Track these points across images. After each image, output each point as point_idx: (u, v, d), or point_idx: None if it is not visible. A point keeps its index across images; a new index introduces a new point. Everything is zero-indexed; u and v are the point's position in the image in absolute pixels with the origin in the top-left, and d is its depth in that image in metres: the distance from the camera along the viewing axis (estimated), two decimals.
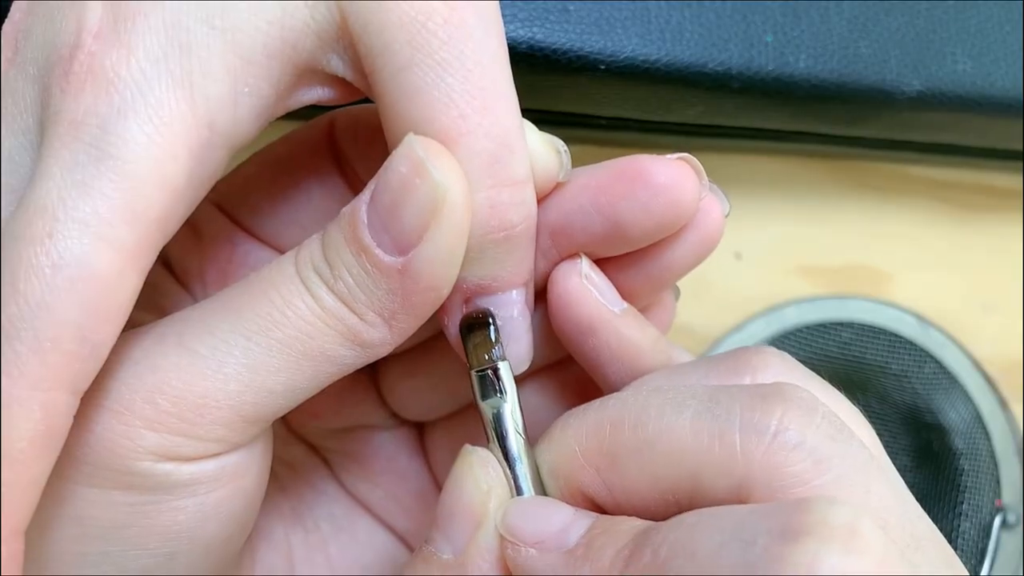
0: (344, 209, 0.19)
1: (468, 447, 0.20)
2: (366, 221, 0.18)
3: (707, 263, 0.21)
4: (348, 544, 0.26)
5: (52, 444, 0.17)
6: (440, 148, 0.18)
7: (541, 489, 0.19)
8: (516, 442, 0.20)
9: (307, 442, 0.26)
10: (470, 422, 0.25)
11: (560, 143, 0.20)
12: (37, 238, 0.16)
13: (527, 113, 0.34)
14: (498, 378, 0.20)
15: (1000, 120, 0.36)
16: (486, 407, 0.20)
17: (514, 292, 0.20)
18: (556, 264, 0.21)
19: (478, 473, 0.19)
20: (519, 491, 0.19)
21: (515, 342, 0.20)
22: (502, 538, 0.18)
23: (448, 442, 0.26)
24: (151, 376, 0.18)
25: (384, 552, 0.27)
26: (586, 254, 0.21)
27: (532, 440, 0.20)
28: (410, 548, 0.27)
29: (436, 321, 0.21)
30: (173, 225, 0.18)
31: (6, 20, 0.19)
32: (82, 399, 0.17)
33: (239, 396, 0.18)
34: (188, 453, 0.18)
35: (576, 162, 0.42)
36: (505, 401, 0.20)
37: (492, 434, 0.20)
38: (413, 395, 0.25)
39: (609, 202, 0.20)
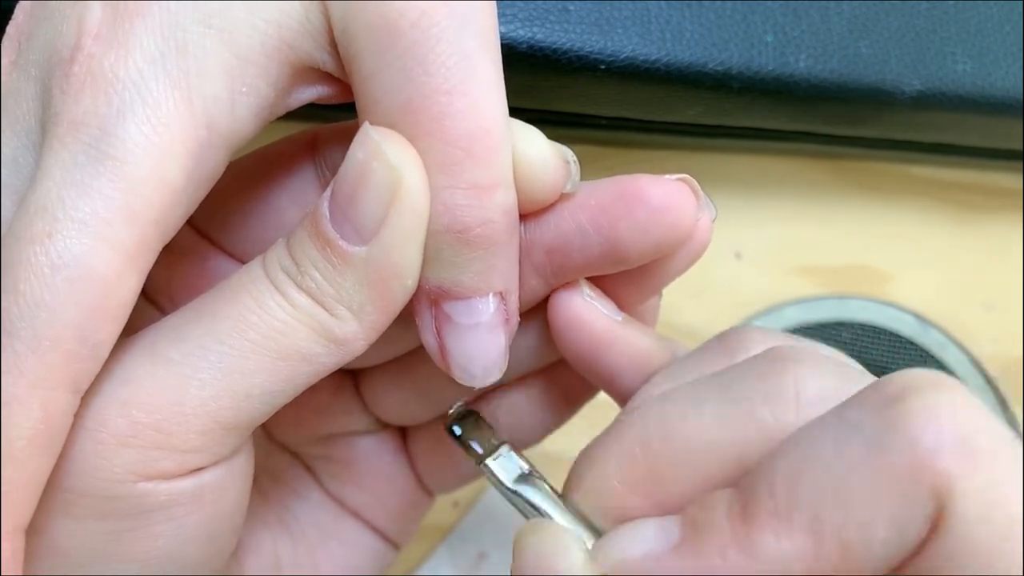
0: (308, 209, 0.19)
1: (525, 526, 0.19)
2: (328, 214, 0.18)
3: (707, 263, 0.21)
4: (336, 549, 0.26)
5: (52, 443, 0.17)
6: (396, 135, 0.17)
7: (598, 532, 0.19)
8: (559, 507, 0.20)
9: (289, 450, 0.26)
10: None
11: (569, 153, 0.20)
12: (37, 238, 0.16)
13: (527, 113, 0.34)
14: (511, 459, 0.21)
15: (1000, 120, 0.36)
16: (516, 489, 0.20)
17: (481, 300, 0.19)
18: (550, 281, 0.21)
19: (561, 543, 0.19)
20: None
21: (483, 353, 0.20)
22: None
23: (432, 443, 0.26)
24: (123, 388, 0.18)
25: (372, 554, 0.26)
26: (582, 272, 0.21)
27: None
28: (396, 548, 0.27)
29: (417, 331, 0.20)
30: (172, 226, 0.18)
31: (10, 22, 0.19)
32: None
33: (215, 401, 0.18)
34: (166, 468, 0.18)
35: None
36: (528, 480, 0.20)
37: (535, 510, 0.20)
38: (397, 404, 0.25)
39: (608, 223, 0.19)
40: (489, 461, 0.21)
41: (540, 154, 0.19)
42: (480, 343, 0.19)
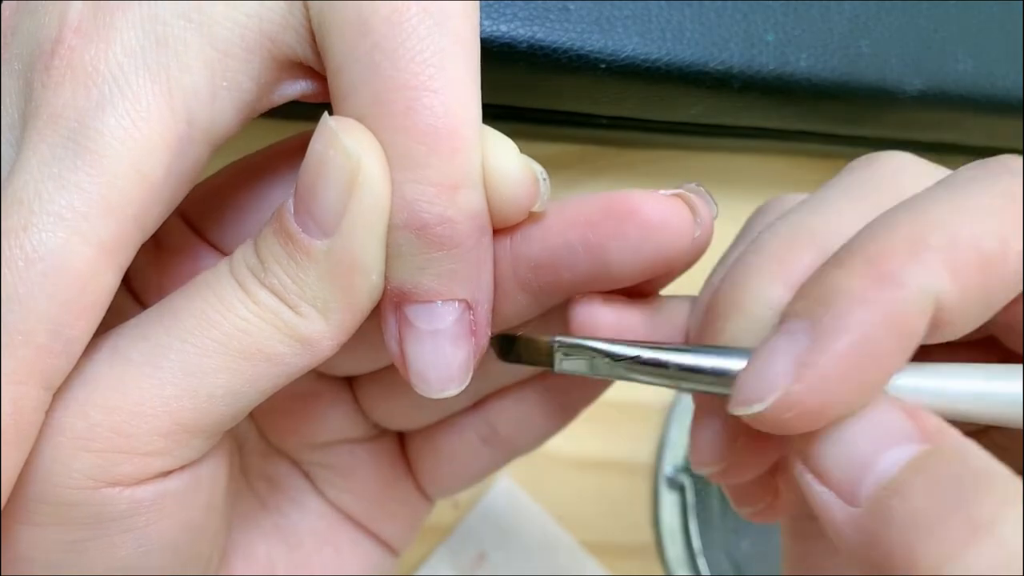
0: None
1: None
2: (292, 210, 0.18)
3: (707, 263, 0.21)
4: (332, 557, 0.25)
5: (22, 439, 0.16)
6: (355, 123, 0.17)
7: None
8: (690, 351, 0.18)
9: (287, 457, 0.26)
10: (452, 427, 0.25)
11: (541, 170, 0.19)
12: (11, 231, 0.16)
13: (528, 112, 0.34)
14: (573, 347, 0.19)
15: (1001, 119, 0.36)
16: (625, 356, 0.19)
17: (443, 306, 0.18)
18: (540, 298, 0.20)
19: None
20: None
21: (441, 362, 0.19)
22: None
23: (431, 448, 0.25)
24: (82, 389, 0.17)
25: (370, 561, 0.26)
26: (571, 291, 0.20)
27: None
28: (396, 554, 0.27)
29: None
30: (151, 222, 0.18)
31: None
32: None
33: (176, 401, 0.17)
34: (126, 472, 0.17)
35: (577, 162, 0.42)
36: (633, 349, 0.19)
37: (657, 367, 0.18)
38: (395, 409, 0.24)
39: (598, 241, 0.18)
40: (560, 364, 0.19)
41: (510, 167, 0.18)
42: (439, 351, 0.19)
